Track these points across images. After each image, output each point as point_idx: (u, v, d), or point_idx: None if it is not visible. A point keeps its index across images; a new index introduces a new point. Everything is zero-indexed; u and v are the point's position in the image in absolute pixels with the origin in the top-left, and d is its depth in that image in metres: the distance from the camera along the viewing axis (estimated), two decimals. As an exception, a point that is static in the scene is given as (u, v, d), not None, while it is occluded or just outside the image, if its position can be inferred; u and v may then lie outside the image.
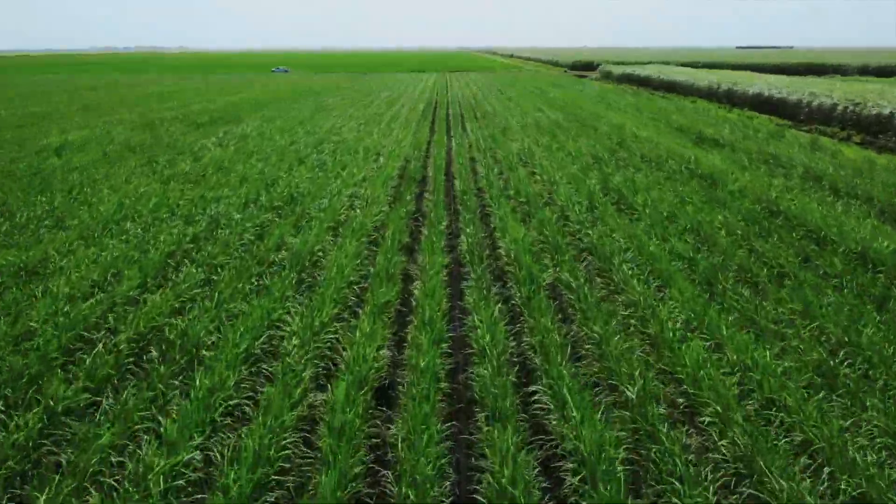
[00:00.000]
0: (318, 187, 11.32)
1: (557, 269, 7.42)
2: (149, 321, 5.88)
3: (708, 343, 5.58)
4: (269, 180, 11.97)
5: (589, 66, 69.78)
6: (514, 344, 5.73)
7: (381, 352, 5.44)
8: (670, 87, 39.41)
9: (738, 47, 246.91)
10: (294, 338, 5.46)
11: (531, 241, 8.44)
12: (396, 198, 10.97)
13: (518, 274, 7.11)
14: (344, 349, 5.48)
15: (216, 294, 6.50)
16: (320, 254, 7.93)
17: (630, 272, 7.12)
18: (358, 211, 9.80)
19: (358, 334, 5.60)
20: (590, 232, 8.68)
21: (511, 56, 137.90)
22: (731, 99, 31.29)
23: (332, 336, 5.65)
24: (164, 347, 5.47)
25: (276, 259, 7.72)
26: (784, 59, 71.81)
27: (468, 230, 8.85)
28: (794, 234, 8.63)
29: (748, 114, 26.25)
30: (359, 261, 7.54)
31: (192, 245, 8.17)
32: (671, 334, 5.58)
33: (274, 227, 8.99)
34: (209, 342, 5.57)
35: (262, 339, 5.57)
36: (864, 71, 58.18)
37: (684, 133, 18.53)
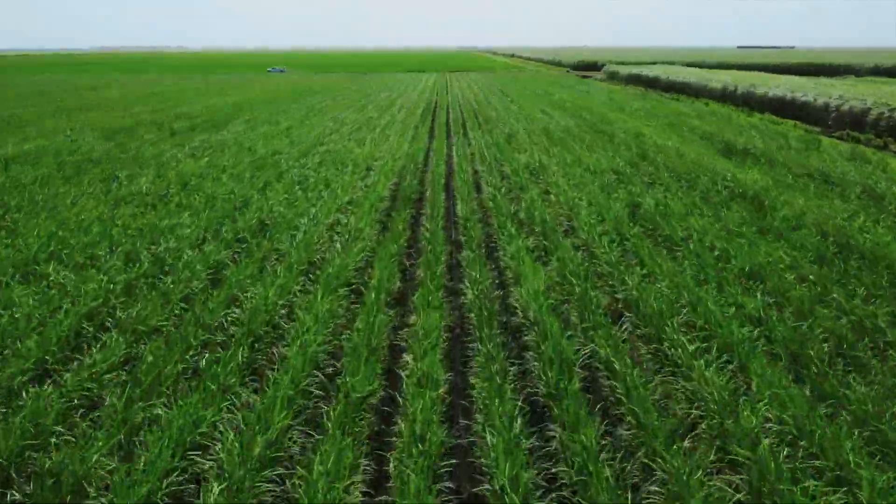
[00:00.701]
0: (295, 213, 9.57)
1: (591, 335, 5.69)
2: (22, 436, 4.13)
3: (828, 478, 3.84)
4: (238, 203, 10.21)
5: (593, 67, 68.00)
6: (543, 476, 3.99)
7: (350, 495, 3.71)
8: (681, 89, 37.64)
9: (739, 47, 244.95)
10: (220, 478, 3.71)
11: (552, 289, 6.73)
12: (387, 226, 9.22)
13: (541, 346, 5.37)
14: (295, 489, 3.75)
15: (130, 387, 4.75)
16: (284, 312, 6.17)
17: (690, 344, 5.38)
18: (338, 246, 8.03)
19: (317, 464, 3.85)
20: (626, 277, 6.93)
21: (512, 56, 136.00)
22: (748, 102, 29.52)
23: (277, 472, 3.90)
24: (31, 486, 3.73)
25: (227, 320, 5.97)
26: (790, 59, 70.03)
27: (473, 274, 7.11)
28: (882, 281, 6.88)
29: (769, 118, 24.50)
30: (331, 327, 5.79)
31: (123, 299, 6.42)
32: (772, 465, 3.84)
33: (233, 270, 7.24)
34: (99, 476, 3.83)
35: (175, 474, 3.82)
36: (877, 71, 56.37)
37: (709, 141, 16.77)
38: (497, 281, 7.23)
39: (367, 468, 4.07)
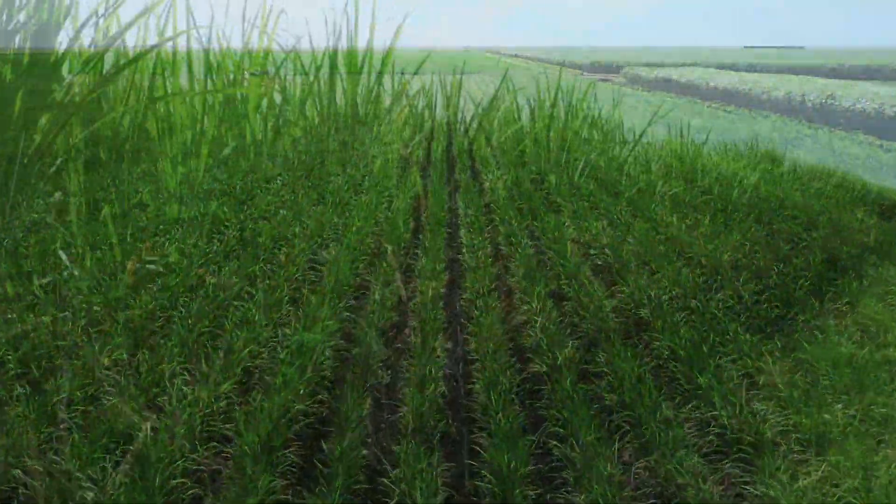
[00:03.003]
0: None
1: None
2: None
3: None
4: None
5: (608, 68, 62.08)
6: None
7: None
8: (727, 98, 31.81)
9: (745, 47, 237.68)
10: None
11: None
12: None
13: None
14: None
15: None
16: None
17: None
18: None
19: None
20: None
21: (514, 56, 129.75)
22: (823, 115, 23.72)
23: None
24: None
25: None
26: (798, 59, 64.11)
27: None
28: None
29: (868, 139, 18.74)
30: None
31: None
32: None
33: None
34: None
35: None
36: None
37: (863, 202, 10.75)
38: None
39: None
